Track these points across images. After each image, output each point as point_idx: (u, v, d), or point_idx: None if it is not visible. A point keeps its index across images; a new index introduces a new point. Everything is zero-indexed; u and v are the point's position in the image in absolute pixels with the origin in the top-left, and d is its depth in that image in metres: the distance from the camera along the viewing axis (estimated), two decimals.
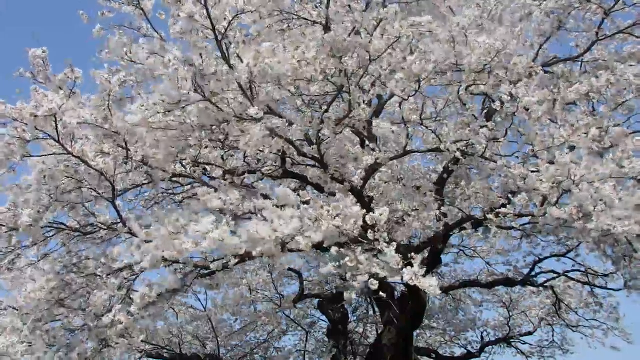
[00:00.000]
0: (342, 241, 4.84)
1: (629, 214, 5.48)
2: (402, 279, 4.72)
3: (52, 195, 5.19)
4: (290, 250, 4.99)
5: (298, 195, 4.88)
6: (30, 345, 6.23)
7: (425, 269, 4.75)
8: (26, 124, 4.85)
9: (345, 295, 5.00)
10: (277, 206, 4.69)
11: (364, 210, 4.84)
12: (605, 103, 6.86)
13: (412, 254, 4.76)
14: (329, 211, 4.64)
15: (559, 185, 6.00)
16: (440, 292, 4.72)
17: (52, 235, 5.76)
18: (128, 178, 5.90)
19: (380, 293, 5.18)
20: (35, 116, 4.84)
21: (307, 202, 4.80)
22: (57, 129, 4.98)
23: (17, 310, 6.71)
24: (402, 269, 4.64)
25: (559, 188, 6.01)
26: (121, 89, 5.38)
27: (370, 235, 4.80)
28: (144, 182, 5.95)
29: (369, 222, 4.81)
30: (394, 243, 4.79)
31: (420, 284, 4.61)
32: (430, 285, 4.59)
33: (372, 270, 4.72)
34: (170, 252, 4.62)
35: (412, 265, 4.66)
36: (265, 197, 5.45)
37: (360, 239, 4.87)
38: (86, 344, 5.99)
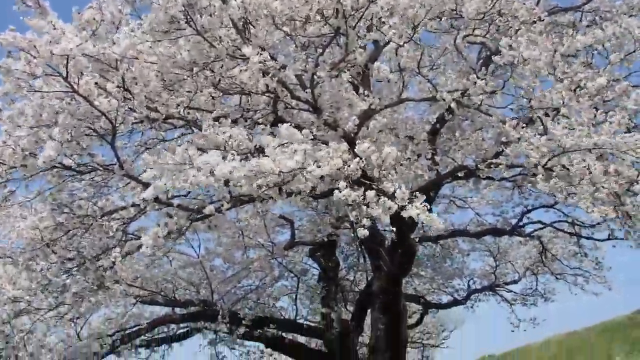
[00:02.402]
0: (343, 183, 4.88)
1: (613, 188, 5.60)
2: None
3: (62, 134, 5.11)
4: (289, 195, 5.03)
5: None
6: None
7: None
8: (34, 57, 4.75)
9: (359, 232, 5.08)
10: (281, 144, 4.70)
11: (371, 149, 4.88)
12: (607, 56, 6.80)
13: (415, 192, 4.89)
14: (329, 152, 4.67)
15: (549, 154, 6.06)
16: (442, 225, 4.88)
17: (46, 171, 5.72)
18: (127, 118, 5.83)
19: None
20: (52, 53, 4.73)
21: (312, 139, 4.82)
22: (67, 67, 4.89)
23: (11, 258, 6.79)
24: (406, 205, 4.75)
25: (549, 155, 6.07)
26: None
27: (375, 172, 4.87)
28: (136, 121, 5.89)
29: (374, 161, 4.87)
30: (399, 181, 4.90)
31: (425, 218, 4.74)
32: (435, 220, 4.75)
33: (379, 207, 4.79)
34: (180, 183, 4.60)
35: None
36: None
37: (362, 179, 4.94)
38: (82, 285, 6.10)
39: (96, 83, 5.16)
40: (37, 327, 7.42)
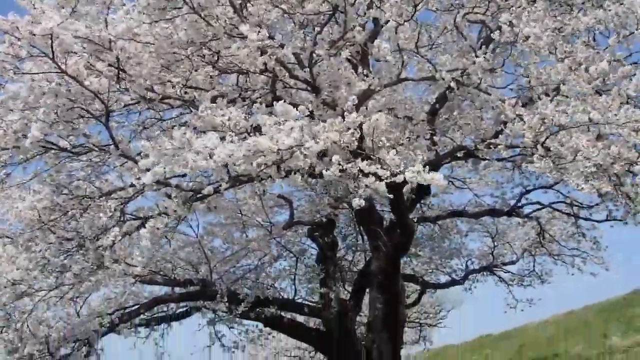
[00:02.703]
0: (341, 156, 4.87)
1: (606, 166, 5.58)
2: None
3: (47, 115, 5.08)
4: (287, 173, 5.02)
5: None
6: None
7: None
8: (19, 39, 4.69)
9: (354, 202, 5.07)
10: (278, 123, 4.67)
11: (362, 118, 4.86)
12: (608, 36, 6.73)
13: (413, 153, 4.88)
14: (325, 127, 4.66)
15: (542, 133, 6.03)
16: (445, 184, 4.84)
17: (42, 154, 5.70)
18: (120, 98, 5.79)
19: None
20: (33, 34, 4.67)
21: (308, 116, 4.80)
22: (52, 47, 4.82)
23: (10, 238, 6.79)
24: (403, 171, 4.74)
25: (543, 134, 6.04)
26: None
27: (368, 142, 4.85)
28: (132, 102, 5.84)
29: (366, 130, 4.84)
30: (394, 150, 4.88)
31: (424, 180, 4.71)
32: (434, 178, 4.71)
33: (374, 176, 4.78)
34: (180, 167, 4.58)
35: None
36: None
37: (358, 150, 4.93)
38: (81, 265, 6.12)
39: (90, 64, 5.10)
40: (38, 307, 7.47)
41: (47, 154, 5.78)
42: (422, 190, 9.78)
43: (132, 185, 6.20)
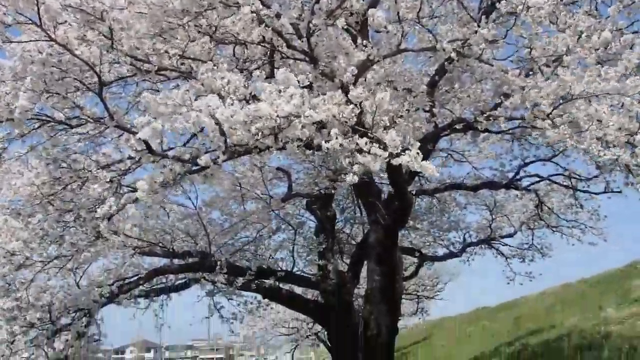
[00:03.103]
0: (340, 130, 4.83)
1: (619, 135, 5.55)
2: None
3: (35, 84, 5.01)
4: (285, 144, 4.98)
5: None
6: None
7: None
8: (5, 6, 4.60)
9: (347, 178, 5.04)
10: (278, 91, 4.61)
11: (364, 94, 4.80)
12: (610, 5, 6.63)
13: (410, 139, 4.84)
14: (324, 100, 4.60)
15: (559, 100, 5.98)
16: (437, 174, 4.85)
17: (38, 128, 5.66)
18: (114, 69, 5.70)
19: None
20: None
21: (308, 87, 4.74)
22: (38, 13, 4.72)
23: (9, 209, 6.79)
24: (400, 153, 4.71)
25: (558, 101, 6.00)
26: None
27: (368, 119, 4.80)
28: (128, 74, 5.77)
29: (367, 107, 4.79)
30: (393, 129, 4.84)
31: (418, 167, 4.70)
32: (428, 167, 4.71)
33: (370, 154, 4.75)
34: (182, 123, 4.53)
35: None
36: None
37: (357, 127, 4.88)
38: (79, 236, 6.13)
39: (83, 35, 5.00)
40: (38, 278, 7.52)
41: (43, 127, 5.72)
42: None
43: (129, 157, 6.17)
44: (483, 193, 13.29)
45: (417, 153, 4.72)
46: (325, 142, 4.81)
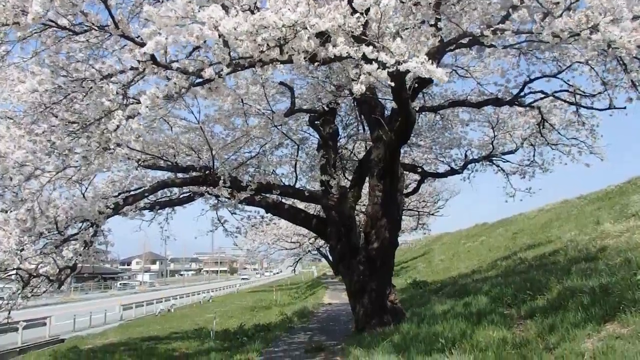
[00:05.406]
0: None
1: (635, 27, 5.38)
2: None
3: None
4: (289, 59, 4.93)
5: None
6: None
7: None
8: None
9: (354, 88, 5.03)
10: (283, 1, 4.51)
11: (369, 1, 4.70)
12: None
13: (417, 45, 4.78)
14: (330, 9, 4.51)
15: None
16: (446, 80, 4.85)
17: (41, 32, 5.54)
18: None
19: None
20: None
21: None
22: None
23: (12, 119, 6.78)
24: (407, 59, 4.68)
25: None
26: None
27: (374, 27, 4.72)
28: None
29: (372, 15, 4.70)
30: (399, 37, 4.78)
31: (426, 72, 4.69)
32: (436, 71, 4.70)
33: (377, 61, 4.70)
34: (185, 37, 4.48)
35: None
36: None
37: (362, 36, 4.82)
38: (86, 148, 6.17)
39: None
40: (46, 189, 7.63)
41: (46, 33, 5.60)
42: (425, 79, 9.66)
43: (132, 68, 6.10)
44: (486, 110, 13.23)
45: (425, 59, 4.68)
46: (333, 47, 4.74)
